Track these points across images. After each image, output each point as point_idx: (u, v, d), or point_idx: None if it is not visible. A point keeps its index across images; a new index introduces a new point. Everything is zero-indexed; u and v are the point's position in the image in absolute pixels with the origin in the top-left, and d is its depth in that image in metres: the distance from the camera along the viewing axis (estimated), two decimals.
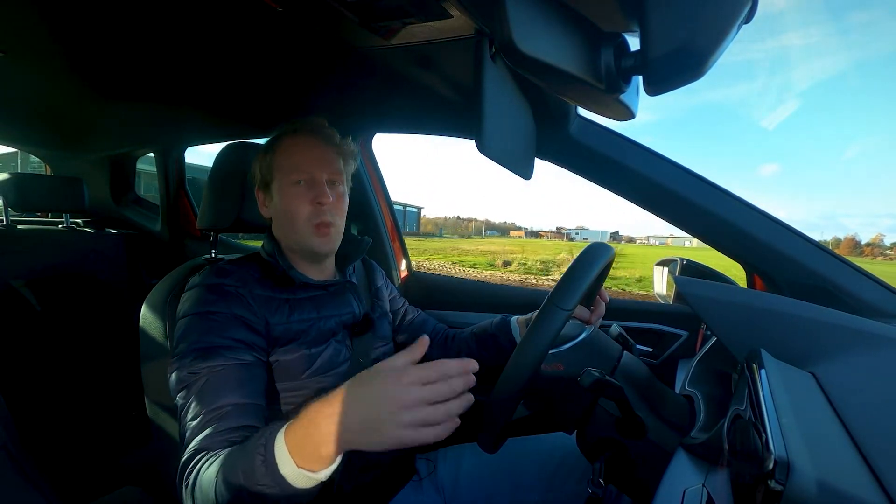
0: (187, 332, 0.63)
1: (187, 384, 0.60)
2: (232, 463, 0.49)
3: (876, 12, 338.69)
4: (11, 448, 0.49)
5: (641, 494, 0.57)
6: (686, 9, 0.37)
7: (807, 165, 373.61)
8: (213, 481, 0.49)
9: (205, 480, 0.50)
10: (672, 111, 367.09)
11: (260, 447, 0.47)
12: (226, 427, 0.56)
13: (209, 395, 0.58)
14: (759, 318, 0.56)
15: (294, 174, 0.71)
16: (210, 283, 0.67)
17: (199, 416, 0.57)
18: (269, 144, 0.75)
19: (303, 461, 0.44)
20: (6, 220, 1.59)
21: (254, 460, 0.46)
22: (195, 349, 0.61)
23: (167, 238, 1.90)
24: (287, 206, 0.71)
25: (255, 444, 0.48)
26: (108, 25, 0.89)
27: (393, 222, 1.41)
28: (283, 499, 0.45)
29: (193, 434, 0.56)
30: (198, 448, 0.54)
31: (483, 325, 0.92)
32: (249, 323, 0.66)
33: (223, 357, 0.61)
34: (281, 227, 0.75)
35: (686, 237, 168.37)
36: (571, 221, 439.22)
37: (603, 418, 0.58)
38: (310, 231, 0.72)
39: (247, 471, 0.46)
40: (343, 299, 0.80)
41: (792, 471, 0.29)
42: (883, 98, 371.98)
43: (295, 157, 0.71)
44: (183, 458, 0.55)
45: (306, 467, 0.44)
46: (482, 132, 0.51)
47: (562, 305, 0.55)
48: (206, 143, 1.76)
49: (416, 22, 0.70)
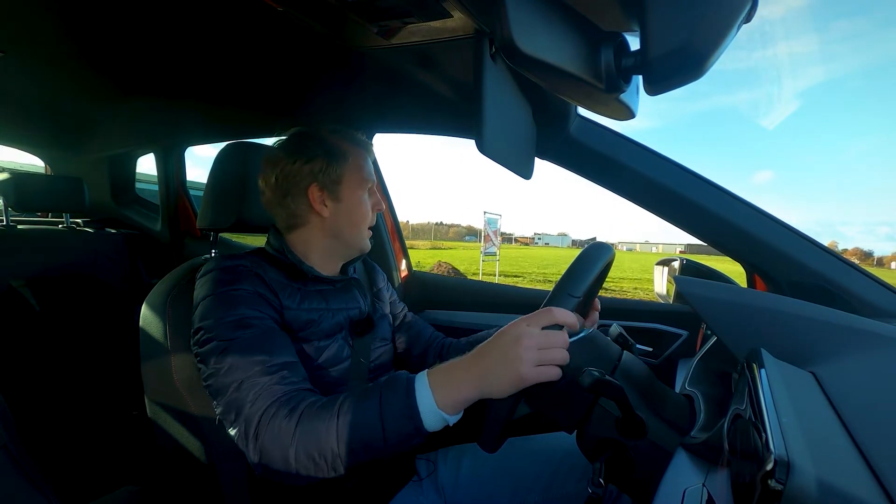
0: (213, 310, 0.63)
1: (227, 349, 0.59)
2: (361, 400, 0.53)
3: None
4: (11, 448, 0.49)
5: (641, 494, 0.57)
6: (686, 9, 0.37)
7: (803, 170, 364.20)
8: (330, 418, 0.52)
9: (313, 423, 0.53)
10: (668, 119, 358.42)
11: (402, 381, 0.53)
12: (295, 380, 0.59)
13: (261, 354, 0.59)
14: (759, 317, 0.56)
15: (366, 183, 0.78)
16: (227, 265, 0.68)
17: (259, 371, 0.57)
18: (341, 151, 0.75)
19: (442, 399, 0.51)
20: (6, 220, 1.59)
21: (394, 394, 0.52)
22: (228, 322, 0.61)
23: (167, 238, 1.90)
24: (359, 211, 0.77)
25: (394, 383, 0.54)
26: (108, 25, 0.89)
27: (393, 222, 1.41)
28: (405, 439, 0.51)
29: (260, 388, 0.56)
30: (282, 393, 0.56)
31: (480, 336, 0.91)
32: (270, 302, 0.67)
33: (260, 326, 0.62)
34: (341, 226, 0.76)
35: (654, 243, 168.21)
36: (554, 227, 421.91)
37: (603, 418, 0.58)
38: (367, 233, 0.80)
39: (385, 409, 0.52)
40: (349, 294, 0.82)
41: (792, 470, 0.29)
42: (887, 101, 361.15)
43: (364, 168, 0.78)
44: (259, 406, 0.55)
45: (442, 407, 0.51)
46: (482, 132, 0.51)
47: (571, 292, 0.56)
48: (206, 143, 1.77)
49: (416, 22, 0.70)
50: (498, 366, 0.50)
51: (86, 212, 1.85)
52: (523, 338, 0.50)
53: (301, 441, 0.52)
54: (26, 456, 0.50)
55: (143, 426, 0.86)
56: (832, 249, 0.81)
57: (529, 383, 0.49)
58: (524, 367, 0.49)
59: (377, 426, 0.51)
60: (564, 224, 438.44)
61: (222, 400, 0.59)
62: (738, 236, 0.83)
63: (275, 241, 0.77)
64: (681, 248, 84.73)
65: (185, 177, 1.87)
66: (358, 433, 0.51)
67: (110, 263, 1.74)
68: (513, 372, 0.49)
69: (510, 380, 0.49)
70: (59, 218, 1.86)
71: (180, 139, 1.76)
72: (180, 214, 1.87)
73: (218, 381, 0.59)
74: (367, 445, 0.52)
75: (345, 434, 0.51)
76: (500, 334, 0.53)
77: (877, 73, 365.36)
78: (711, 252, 11.35)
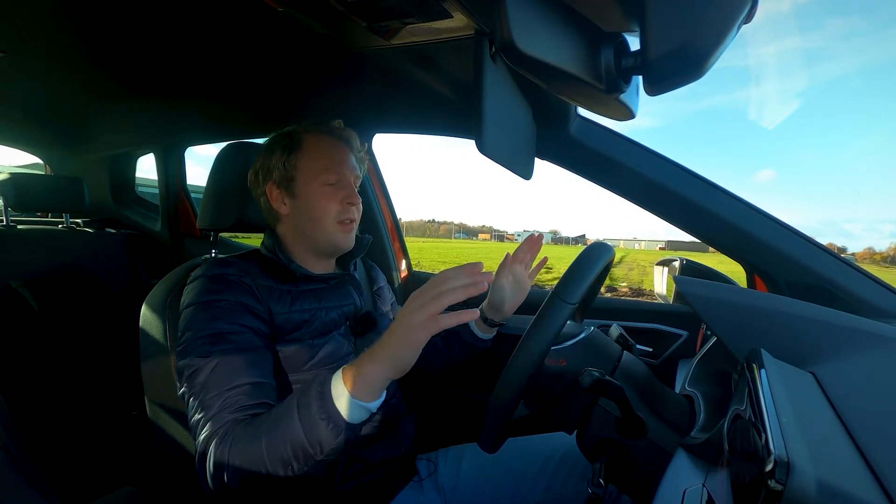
0: (193, 322, 0.63)
1: (197, 368, 0.59)
2: (282, 414, 0.53)
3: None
4: (11, 448, 0.49)
5: (641, 494, 0.57)
6: (686, 9, 0.37)
7: (805, 169, 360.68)
8: (258, 440, 0.52)
9: (243, 446, 0.52)
10: (671, 118, 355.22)
11: (315, 386, 0.53)
12: (248, 403, 0.58)
13: (224, 376, 0.59)
14: (759, 318, 0.56)
15: (326, 175, 0.73)
16: (213, 273, 0.68)
17: (217, 395, 0.57)
18: (292, 143, 0.74)
19: (357, 389, 0.51)
20: (6, 220, 1.59)
21: (309, 400, 0.52)
22: (203, 336, 0.61)
23: (167, 238, 1.90)
24: (317, 204, 0.73)
25: (309, 389, 0.53)
26: (108, 25, 0.89)
27: (393, 222, 1.41)
28: (333, 437, 0.51)
29: (212, 413, 0.56)
30: (223, 423, 0.56)
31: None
32: (255, 311, 0.67)
33: (233, 342, 0.62)
34: (302, 223, 0.75)
35: (640, 240, 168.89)
36: (545, 225, 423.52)
37: (603, 418, 0.58)
38: (336, 228, 0.75)
39: (302, 413, 0.51)
40: (344, 291, 0.81)
41: (792, 471, 0.29)
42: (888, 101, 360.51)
43: (325, 159, 0.74)
44: (204, 436, 0.55)
45: (360, 397, 0.51)
46: (482, 132, 0.51)
47: (566, 299, 0.55)
48: (206, 143, 1.76)
49: (416, 22, 0.70)
50: (395, 335, 0.51)
51: (86, 212, 1.85)
52: (408, 304, 0.51)
53: (232, 459, 0.52)
54: (26, 456, 0.50)
55: (142, 426, 0.86)
56: (831, 249, 0.81)
57: (427, 335, 0.50)
58: (415, 326, 0.49)
59: (299, 434, 0.51)
60: (555, 222, 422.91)
61: (190, 417, 0.60)
62: (737, 236, 0.83)
63: (268, 242, 0.77)
64: (661, 245, 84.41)
65: (185, 177, 1.87)
66: (286, 446, 0.51)
67: (110, 264, 1.74)
68: (408, 335, 0.50)
69: (409, 343, 0.50)
70: (59, 218, 1.86)
71: (180, 139, 1.76)
72: (180, 214, 1.87)
73: (188, 399, 0.60)
74: (301, 455, 0.51)
75: (274, 450, 0.51)
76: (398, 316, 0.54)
77: (877, 72, 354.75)
78: (694, 249, 11.35)
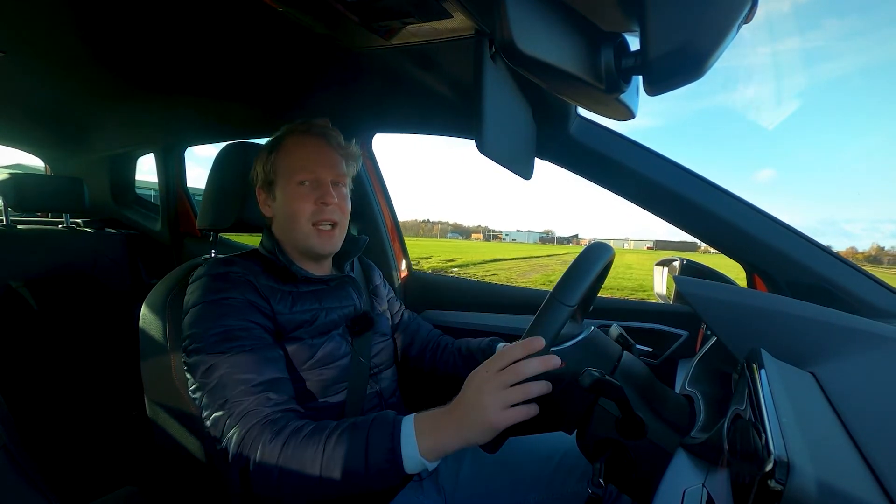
0: (202, 319, 0.63)
1: (212, 364, 0.59)
2: (349, 435, 0.54)
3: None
4: (11, 448, 0.49)
5: (641, 494, 0.57)
6: (686, 9, 0.37)
7: (805, 169, 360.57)
8: (317, 450, 0.53)
9: (298, 455, 0.53)
10: (669, 117, 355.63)
11: (387, 424, 0.53)
12: (278, 399, 0.58)
13: (245, 372, 0.59)
14: (759, 318, 0.56)
15: (299, 174, 0.72)
16: (217, 272, 0.68)
17: (243, 391, 0.57)
18: (273, 144, 0.75)
19: (425, 447, 0.51)
20: (6, 220, 1.59)
21: (381, 434, 0.52)
22: (215, 333, 0.61)
23: (167, 238, 1.90)
24: (290, 205, 0.72)
25: (380, 421, 0.54)
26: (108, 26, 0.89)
27: (392, 223, 1.41)
28: (384, 478, 0.52)
29: (241, 410, 0.56)
30: (260, 420, 0.56)
31: (471, 346, 0.91)
32: (261, 308, 0.67)
33: (247, 338, 0.62)
34: (282, 226, 0.75)
35: (632, 240, 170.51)
36: (538, 225, 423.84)
37: (603, 418, 0.58)
38: (310, 230, 0.73)
39: (371, 445, 0.52)
40: (344, 292, 0.81)
41: (792, 471, 0.29)
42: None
43: (300, 159, 0.73)
44: (237, 432, 0.55)
45: (425, 454, 0.51)
46: (482, 132, 0.51)
47: (564, 301, 0.55)
48: (206, 143, 1.76)
49: (416, 22, 0.70)
50: (470, 418, 0.50)
51: (86, 212, 1.85)
52: (483, 385, 0.50)
53: (285, 465, 0.53)
54: (26, 456, 0.50)
55: (142, 426, 0.86)
56: (831, 249, 0.81)
57: (506, 426, 0.49)
58: (492, 414, 0.48)
59: (361, 463, 0.52)
60: (548, 222, 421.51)
61: (209, 415, 0.59)
62: (737, 236, 0.83)
63: (267, 242, 0.77)
64: (649, 245, 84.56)
65: (185, 177, 1.87)
66: (342, 466, 0.52)
67: (110, 264, 1.74)
68: (484, 421, 0.49)
69: (484, 429, 0.49)
70: (59, 218, 1.86)
71: (180, 139, 1.76)
72: (180, 214, 1.87)
73: (204, 395, 0.60)
74: (348, 479, 0.52)
75: (330, 465, 0.52)
76: (465, 385, 0.53)
77: (877, 72, 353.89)
78: (683, 248, 11.39)
